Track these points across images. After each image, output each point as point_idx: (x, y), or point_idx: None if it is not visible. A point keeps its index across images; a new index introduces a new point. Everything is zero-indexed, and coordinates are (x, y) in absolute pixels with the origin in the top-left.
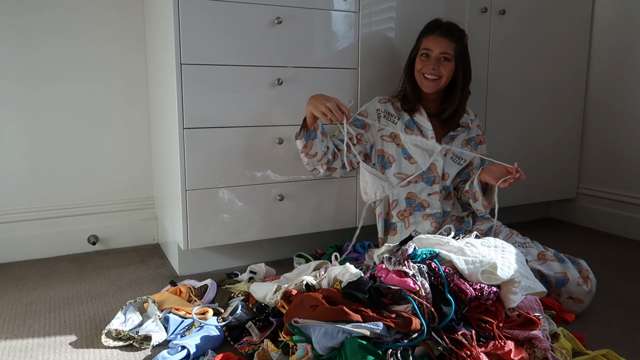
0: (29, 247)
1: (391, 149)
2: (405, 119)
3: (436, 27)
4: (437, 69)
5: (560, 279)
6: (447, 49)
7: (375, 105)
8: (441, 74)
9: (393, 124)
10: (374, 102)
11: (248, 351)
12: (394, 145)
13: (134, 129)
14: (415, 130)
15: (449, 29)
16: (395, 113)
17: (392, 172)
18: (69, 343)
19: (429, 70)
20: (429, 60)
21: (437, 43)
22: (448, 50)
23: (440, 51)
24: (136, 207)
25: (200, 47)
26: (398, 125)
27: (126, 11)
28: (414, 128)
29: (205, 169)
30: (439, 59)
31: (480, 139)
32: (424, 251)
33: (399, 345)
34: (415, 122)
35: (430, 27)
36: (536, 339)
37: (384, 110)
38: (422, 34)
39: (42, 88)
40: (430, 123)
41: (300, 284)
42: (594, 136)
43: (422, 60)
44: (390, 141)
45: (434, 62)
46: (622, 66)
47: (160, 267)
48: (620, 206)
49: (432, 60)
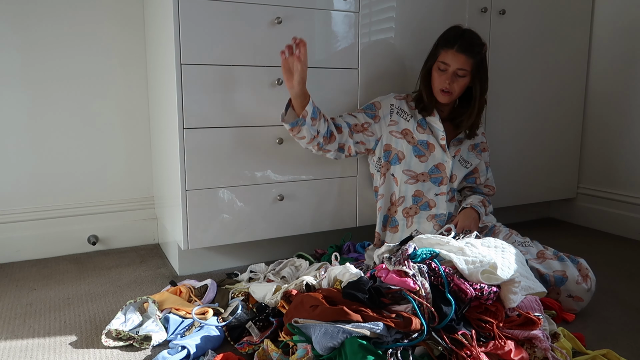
0: (29, 247)
1: (401, 145)
2: (418, 118)
3: (455, 40)
4: (451, 84)
5: (559, 277)
6: (464, 66)
7: (391, 100)
8: (453, 90)
9: (406, 121)
10: (389, 97)
11: (248, 351)
12: (404, 142)
13: (134, 129)
14: (427, 130)
15: (469, 44)
16: (408, 111)
17: (400, 169)
18: (69, 343)
19: (444, 85)
20: (445, 75)
21: (456, 59)
22: (465, 66)
23: (457, 67)
24: (136, 207)
25: (200, 47)
26: (411, 122)
27: (126, 11)
28: (426, 127)
29: (205, 169)
30: (455, 74)
31: (484, 146)
32: (424, 251)
33: (399, 345)
34: (428, 122)
35: (450, 39)
36: (536, 339)
37: (397, 106)
38: (441, 45)
39: (42, 88)
40: (442, 125)
41: (300, 284)
42: (594, 136)
43: (439, 74)
44: (401, 137)
45: (449, 77)
46: (622, 66)
47: (160, 267)
48: (620, 206)
49: (448, 75)
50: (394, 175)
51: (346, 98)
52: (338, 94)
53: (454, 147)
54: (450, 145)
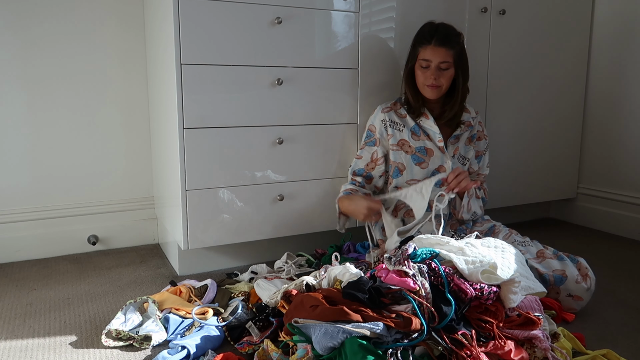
0: (29, 247)
1: (400, 157)
2: (411, 125)
3: (431, 35)
4: (438, 79)
5: (558, 276)
6: (445, 58)
7: (379, 116)
8: (441, 83)
9: (399, 132)
10: (377, 113)
11: (248, 351)
12: (402, 153)
13: (134, 129)
14: (422, 135)
15: (445, 36)
16: (399, 121)
17: (404, 180)
18: (69, 343)
19: (430, 82)
20: (429, 71)
21: (436, 53)
22: (447, 58)
23: (439, 61)
24: (136, 207)
25: (200, 47)
26: (404, 132)
27: (126, 11)
28: (420, 133)
29: (205, 169)
30: (439, 68)
31: (480, 134)
32: (424, 251)
33: (399, 345)
34: (422, 126)
35: (425, 35)
36: (536, 339)
37: (388, 119)
38: (418, 43)
39: (42, 88)
40: (437, 127)
41: (300, 284)
42: (594, 136)
43: (423, 71)
44: (398, 149)
45: (434, 72)
46: (622, 66)
47: (160, 267)
48: (620, 206)
49: (432, 71)
50: (397, 187)
51: (346, 98)
52: (338, 94)
53: (452, 146)
54: (449, 145)
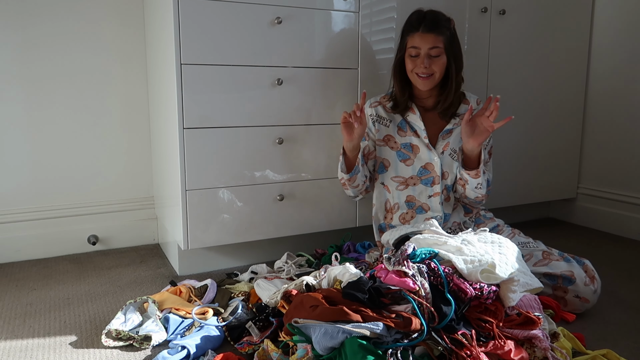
0: (29, 247)
1: (385, 152)
2: (398, 120)
3: (419, 22)
4: (429, 66)
5: (567, 277)
6: (435, 43)
7: (367, 111)
8: (433, 71)
9: (386, 127)
10: (365, 109)
11: (248, 351)
12: (387, 148)
13: (134, 129)
14: (409, 130)
15: (433, 22)
16: (386, 116)
17: (389, 176)
18: (69, 343)
19: (421, 70)
20: (419, 59)
21: (424, 40)
22: (437, 44)
23: (428, 47)
24: (136, 207)
25: (200, 47)
26: (391, 128)
27: (126, 11)
28: (407, 129)
29: (205, 169)
30: (429, 55)
31: None
32: (423, 251)
33: (399, 345)
34: (408, 122)
35: (413, 23)
36: (536, 339)
37: (375, 114)
38: (406, 31)
39: (42, 88)
40: (422, 122)
41: (300, 284)
42: (594, 136)
43: (412, 60)
44: (384, 145)
45: (424, 60)
46: (622, 66)
47: (160, 267)
48: (620, 206)
49: (422, 59)
50: (384, 184)
51: (346, 98)
52: (338, 94)
53: (443, 141)
54: (439, 140)
